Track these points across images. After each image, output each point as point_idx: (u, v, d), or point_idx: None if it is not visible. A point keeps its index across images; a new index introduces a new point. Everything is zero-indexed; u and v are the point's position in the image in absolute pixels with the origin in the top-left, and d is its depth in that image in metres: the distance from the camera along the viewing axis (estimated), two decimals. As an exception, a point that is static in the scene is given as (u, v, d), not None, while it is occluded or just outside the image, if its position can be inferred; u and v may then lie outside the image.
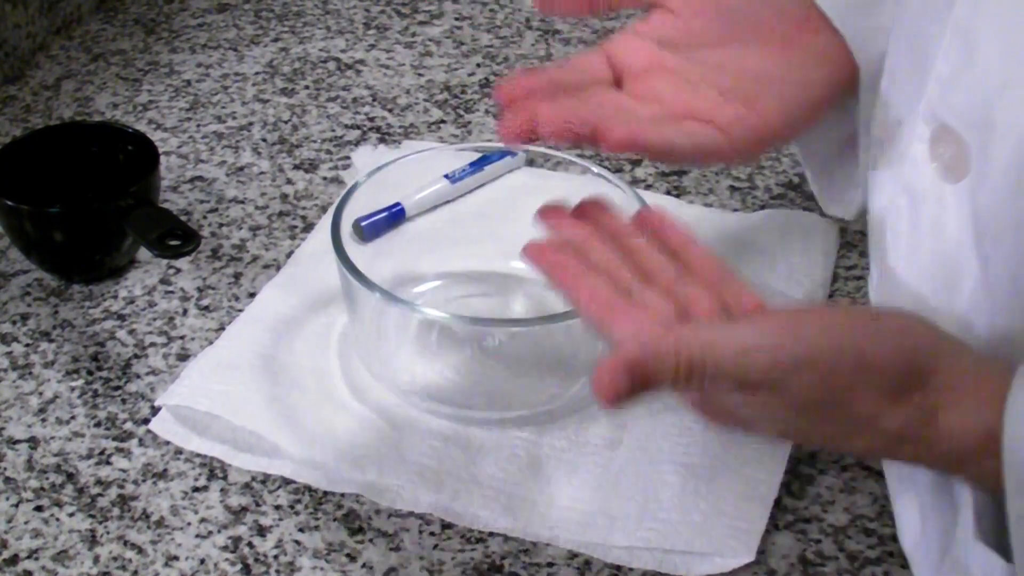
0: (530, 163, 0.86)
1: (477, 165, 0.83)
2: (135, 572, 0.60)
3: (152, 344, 0.74)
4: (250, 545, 0.61)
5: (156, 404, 0.69)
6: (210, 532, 0.62)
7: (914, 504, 0.57)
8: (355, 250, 0.68)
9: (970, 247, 0.50)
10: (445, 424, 0.67)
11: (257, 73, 1.02)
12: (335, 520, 0.63)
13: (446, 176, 0.82)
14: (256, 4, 1.13)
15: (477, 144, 0.91)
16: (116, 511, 0.63)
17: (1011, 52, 0.47)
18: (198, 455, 0.66)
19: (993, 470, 0.46)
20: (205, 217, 0.85)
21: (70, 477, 0.65)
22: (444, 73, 1.02)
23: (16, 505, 0.63)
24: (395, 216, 0.79)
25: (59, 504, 0.63)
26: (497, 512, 0.62)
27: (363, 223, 0.77)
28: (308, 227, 0.83)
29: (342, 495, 0.64)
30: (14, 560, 0.60)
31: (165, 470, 0.65)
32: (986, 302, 0.50)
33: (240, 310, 0.75)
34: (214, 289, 0.78)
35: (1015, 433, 0.45)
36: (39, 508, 0.63)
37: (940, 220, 0.51)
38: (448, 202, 0.82)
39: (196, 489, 0.64)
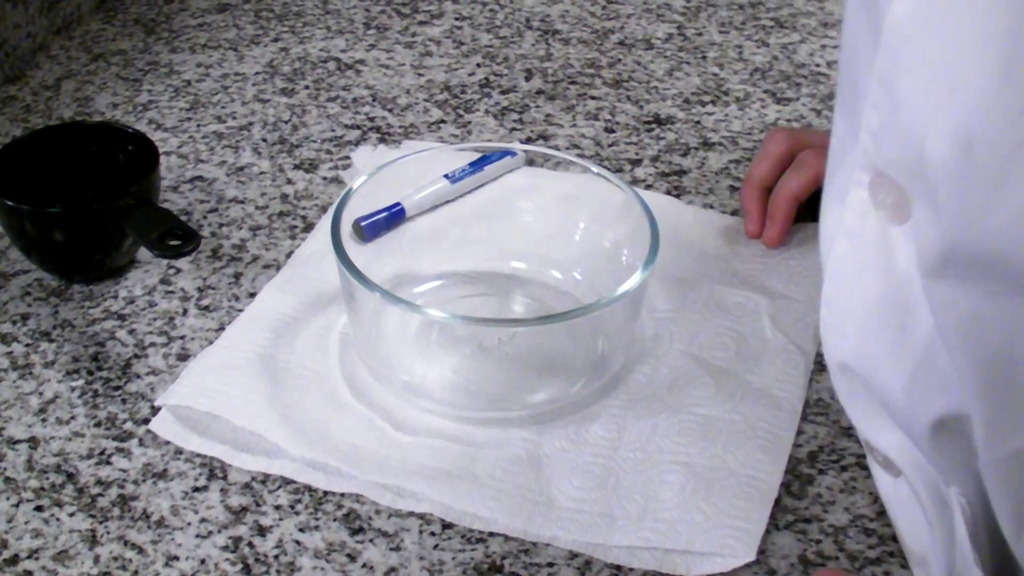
0: (530, 163, 0.86)
1: (477, 165, 0.83)
2: (135, 572, 0.60)
3: (152, 344, 0.74)
4: (250, 545, 0.61)
5: (156, 404, 0.69)
6: (210, 532, 0.62)
7: (912, 533, 0.57)
8: (355, 250, 0.68)
9: (915, 290, 0.50)
10: (445, 424, 0.67)
11: (257, 73, 1.02)
12: (335, 520, 0.63)
13: (446, 176, 0.82)
14: (256, 4, 1.14)
15: (477, 144, 0.91)
16: (116, 511, 0.63)
17: (929, 100, 0.47)
18: (198, 455, 0.66)
19: None
20: (205, 217, 0.85)
21: (70, 477, 0.65)
22: (444, 73, 1.02)
23: (16, 505, 0.63)
24: (395, 216, 0.79)
25: (59, 504, 0.63)
26: (497, 512, 0.62)
27: (363, 223, 0.77)
28: (308, 227, 0.83)
29: (342, 495, 0.64)
30: (14, 560, 0.60)
31: (165, 470, 0.65)
32: (942, 344, 0.50)
33: (240, 310, 0.75)
34: (214, 289, 0.78)
35: None
36: (39, 508, 0.63)
37: (889, 261, 0.51)
38: (448, 202, 0.82)
39: (196, 489, 0.64)
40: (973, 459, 0.51)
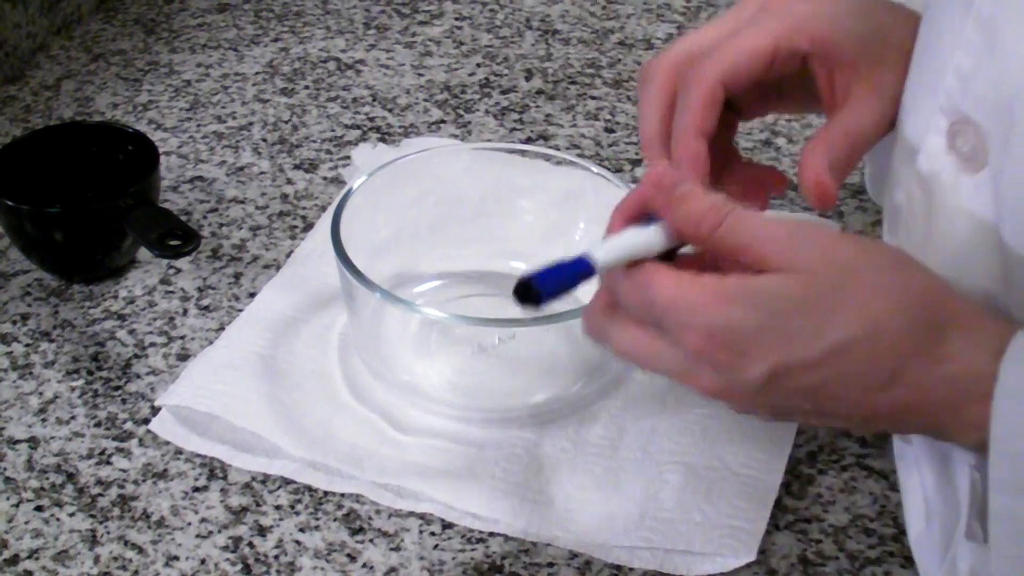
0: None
1: None
2: (135, 572, 0.60)
3: (152, 344, 0.74)
4: (250, 545, 0.61)
5: (156, 404, 0.69)
6: (210, 532, 0.62)
7: (919, 499, 0.57)
8: (355, 250, 0.68)
9: (988, 239, 0.50)
10: (445, 424, 0.67)
11: (257, 73, 1.02)
12: (335, 520, 0.63)
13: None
14: (256, 4, 1.13)
15: (477, 144, 0.91)
16: (116, 511, 0.63)
17: None
18: (198, 455, 0.66)
19: (981, 419, 0.46)
20: (205, 217, 0.85)
21: (70, 477, 0.65)
22: (444, 73, 1.02)
23: (16, 505, 0.63)
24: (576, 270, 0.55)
25: (59, 504, 0.63)
26: (497, 512, 0.62)
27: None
28: (308, 227, 0.83)
29: (342, 495, 0.64)
30: (15, 560, 0.60)
31: (165, 470, 0.65)
32: (1004, 295, 0.50)
33: (240, 310, 0.75)
34: (214, 289, 0.78)
35: (1011, 375, 0.45)
36: (39, 508, 0.63)
37: (957, 211, 0.51)
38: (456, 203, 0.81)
39: (196, 489, 0.64)
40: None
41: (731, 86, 0.57)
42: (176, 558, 0.61)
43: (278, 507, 0.63)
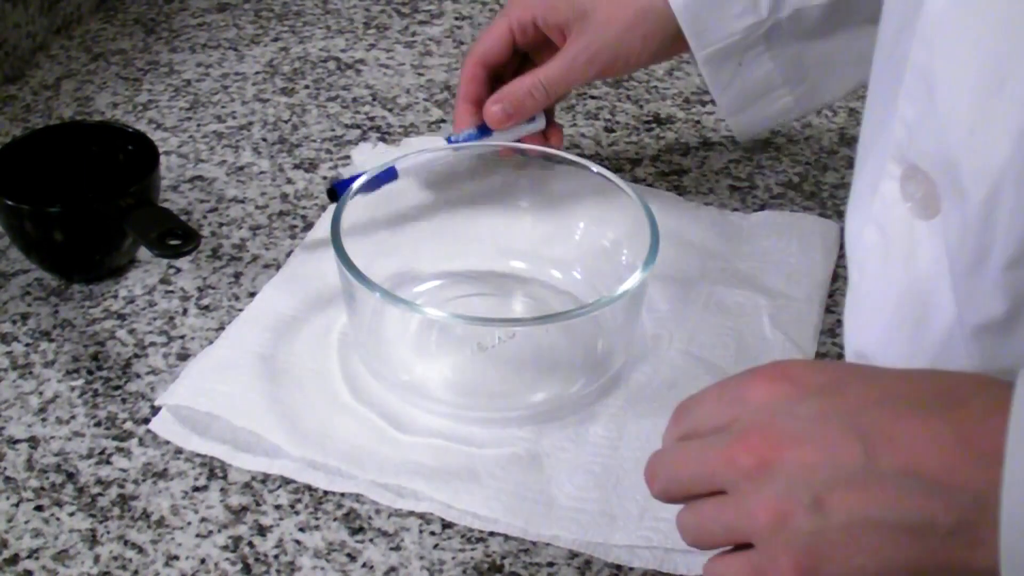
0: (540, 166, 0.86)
1: (483, 129, 0.80)
2: (135, 572, 0.60)
3: (152, 344, 0.74)
4: (250, 545, 0.61)
5: (156, 404, 0.69)
6: (210, 532, 0.62)
7: None
8: (355, 250, 0.68)
9: (944, 284, 0.50)
10: (445, 424, 0.67)
11: (257, 73, 1.02)
12: (335, 520, 0.63)
13: (447, 139, 0.80)
14: (256, 4, 1.14)
15: (477, 143, 0.91)
16: (116, 511, 0.63)
17: (970, 95, 0.46)
18: (198, 455, 0.66)
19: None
20: (205, 217, 0.85)
21: (70, 477, 0.65)
22: (444, 73, 1.02)
23: (16, 505, 0.63)
24: (385, 177, 0.76)
25: (59, 504, 0.63)
26: (497, 511, 0.62)
27: (337, 184, 0.76)
28: (308, 227, 0.83)
29: (342, 495, 0.64)
30: (14, 560, 0.60)
31: (165, 470, 0.65)
32: (959, 339, 0.50)
33: (240, 310, 0.75)
34: (214, 289, 0.78)
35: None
36: (39, 508, 0.63)
37: (912, 255, 0.51)
38: (452, 204, 0.81)
39: (196, 489, 0.64)
40: None
41: (491, 62, 0.80)
42: (176, 558, 0.61)
43: (278, 507, 0.63)
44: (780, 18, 0.76)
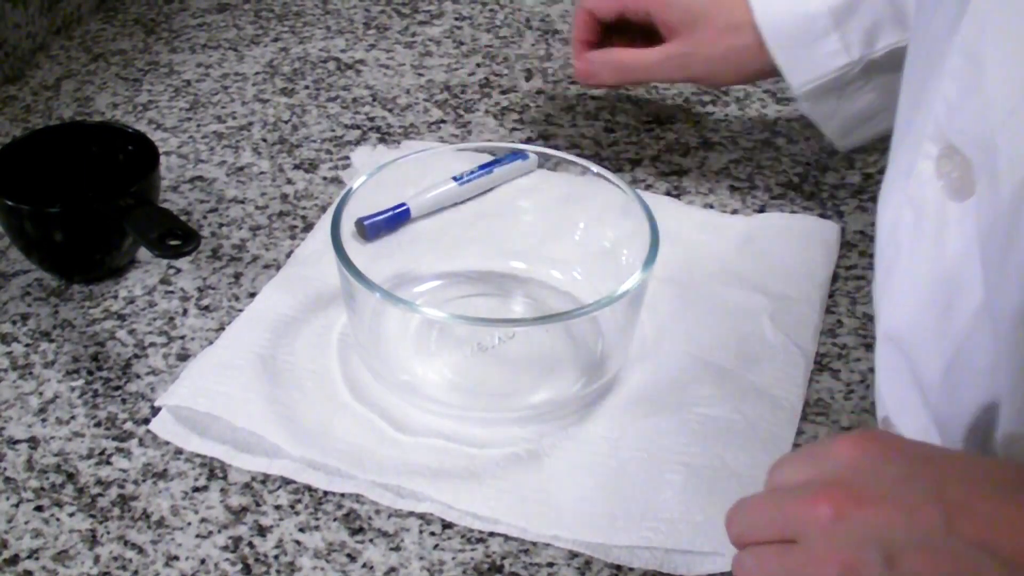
0: (540, 166, 0.86)
1: (486, 168, 0.83)
2: (135, 572, 0.60)
3: (152, 344, 0.74)
4: (250, 545, 0.61)
5: (156, 404, 0.69)
6: (210, 532, 0.62)
7: None
8: (355, 250, 0.68)
9: (973, 267, 0.50)
10: (445, 424, 0.67)
11: (257, 73, 1.02)
12: (335, 520, 0.63)
13: (454, 178, 0.82)
14: (256, 4, 1.14)
15: (477, 144, 0.91)
16: (116, 511, 0.63)
17: (1016, 76, 0.46)
18: (198, 455, 0.66)
19: None
20: (205, 217, 0.85)
21: (70, 477, 0.65)
22: (444, 73, 1.02)
23: (16, 505, 0.63)
24: (399, 217, 0.79)
25: (59, 504, 0.63)
26: (497, 512, 0.62)
27: (366, 222, 0.77)
28: (308, 227, 0.83)
29: (342, 495, 0.64)
30: (14, 560, 0.60)
31: (165, 470, 0.65)
32: (988, 324, 0.50)
33: (240, 310, 0.75)
34: (214, 289, 0.78)
35: None
36: (39, 508, 0.63)
37: (943, 237, 0.51)
38: (454, 204, 0.82)
39: (196, 489, 0.64)
40: (985, 447, 0.51)
41: (597, 16, 0.86)
42: (176, 558, 0.61)
43: (278, 507, 0.63)
44: (874, 57, 0.77)
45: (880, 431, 0.49)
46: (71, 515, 0.63)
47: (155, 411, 0.69)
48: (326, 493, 0.64)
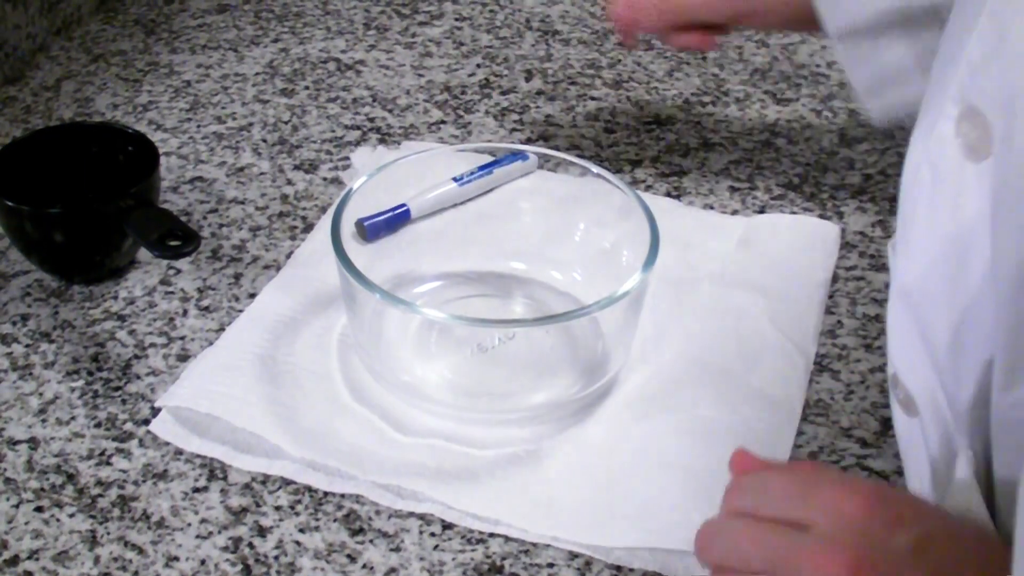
0: (540, 167, 0.86)
1: (486, 168, 0.83)
2: (135, 573, 0.60)
3: (152, 345, 0.74)
4: (250, 546, 0.61)
5: (156, 405, 0.69)
6: (210, 533, 0.62)
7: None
8: (355, 250, 0.68)
9: (985, 228, 0.50)
10: (445, 424, 0.67)
11: (257, 73, 1.02)
12: (335, 520, 0.63)
13: (454, 179, 0.82)
14: (256, 4, 1.14)
15: (477, 144, 0.91)
16: (116, 512, 0.63)
17: None
18: (198, 456, 0.66)
19: None
20: (205, 217, 0.85)
21: (70, 478, 0.65)
22: (444, 73, 1.02)
23: (16, 506, 0.63)
24: (399, 217, 0.79)
25: (59, 505, 0.63)
26: (497, 512, 0.62)
27: (366, 223, 0.77)
28: (308, 227, 0.83)
29: (342, 495, 0.64)
30: (15, 561, 0.60)
31: (165, 471, 0.65)
32: (992, 288, 0.50)
33: (240, 311, 0.75)
34: (214, 290, 0.78)
35: None
36: (39, 509, 0.63)
37: (960, 197, 0.52)
38: (454, 205, 0.82)
39: (196, 490, 0.64)
40: (987, 410, 0.52)
41: None
42: (176, 559, 0.61)
43: (278, 508, 0.63)
44: (916, 7, 0.77)
45: (873, 484, 0.49)
46: (71, 516, 0.63)
47: (155, 412, 0.69)
48: (326, 494, 0.64)
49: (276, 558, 0.61)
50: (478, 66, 1.03)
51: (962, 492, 0.52)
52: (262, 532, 0.62)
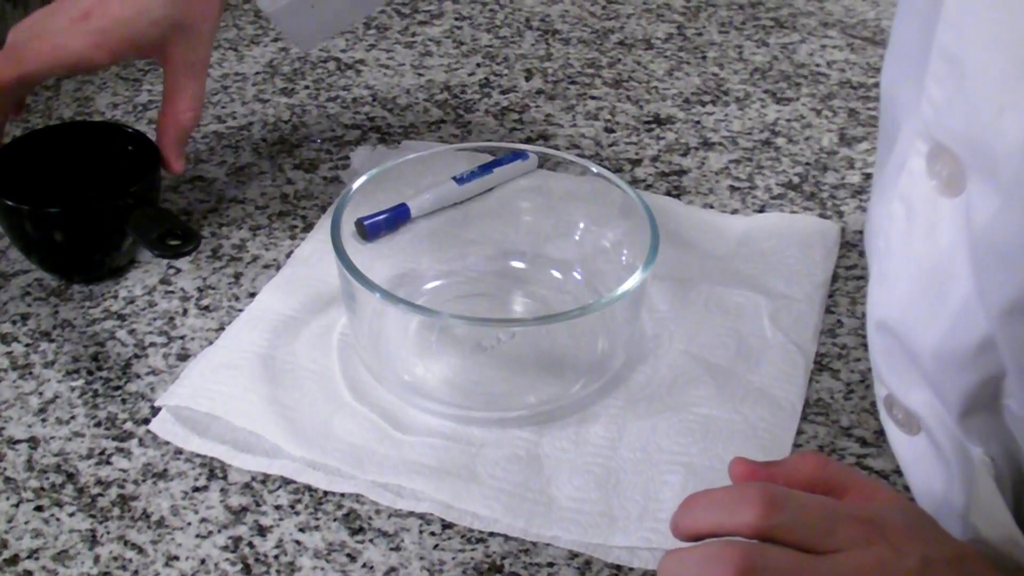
0: (540, 166, 0.86)
1: (486, 168, 0.83)
2: (135, 572, 0.60)
3: (152, 344, 0.74)
4: (250, 545, 0.61)
5: (156, 404, 0.69)
6: (210, 532, 0.62)
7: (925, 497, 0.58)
8: (355, 250, 0.68)
9: (964, 258, 0.50)
10: (445, 424, 0.67)
11: (257, 73, 1.02)
12: (335, 520, 0.63)
13: (453, 178, 0.82)
14: (256, 4, 1.13)
15: (477, 144, 0.91)
16: (116, 511, 0.63)
17: (999, 77, 0.47)
18: (198, 455, 0.66)
19: None
20: (205, 217, 0.85)
21: (70, 477, 0.65)
22: (444, 73, 1.02)
23: (16, 505, 0.63)
24: (399, 217, 0.79)
25: (59, 504, 0.63)
26: (497, 512, 0.62)
27: (366, 222, 0.77)
28: (308, 227, 0.83)
29: (342, 495, 0.64)
30: (14, 560, 0.60)
31: (165, 470, 0.65)
32: (978, 312, 0.50)
33: (240, 310, 0.75)
34: (214, 289, 0.78)
35: None
36: (39, 508, 0.63)
37: (935, 230, 0.52)
38: (454, 205, 0.82)
39: (196, 489, 0.64)
40: (999, 420, 0.52)
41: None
42: (176, 558, 0.61)
43: (278, 507, 0.63)
44: None
45: (870, 509, 0.49)
46: (71, 515, 0.63)
47: (155, 411, 0.69)
48: (326, 493, 0.64)
49: (276, 557, 0.61)
50: (478, 65, 1.03)
51: (987, 497, 0.52)
52: (262, 531, 0.62)
